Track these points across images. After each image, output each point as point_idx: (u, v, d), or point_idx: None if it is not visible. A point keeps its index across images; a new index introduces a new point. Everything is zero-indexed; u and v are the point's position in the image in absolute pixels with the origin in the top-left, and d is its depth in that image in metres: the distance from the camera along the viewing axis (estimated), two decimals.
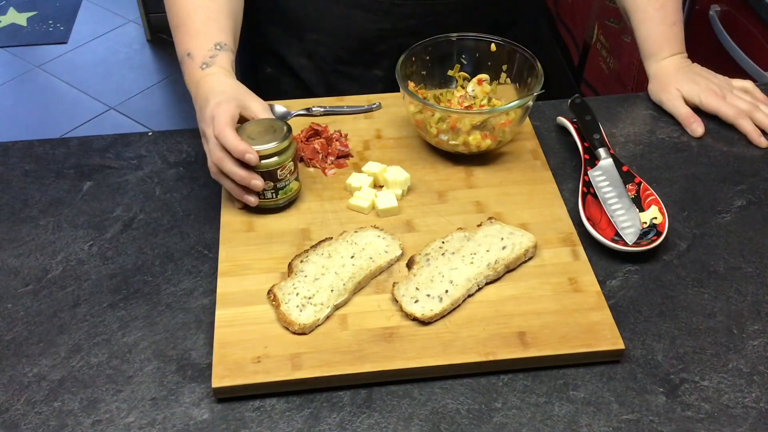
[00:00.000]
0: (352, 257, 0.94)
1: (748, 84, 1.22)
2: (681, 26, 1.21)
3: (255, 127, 1.00)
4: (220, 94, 1.00)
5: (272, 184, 1.00)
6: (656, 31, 1.20)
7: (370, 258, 0.94)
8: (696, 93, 1.18)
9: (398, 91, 1.10)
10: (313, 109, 1.18)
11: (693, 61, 1.24)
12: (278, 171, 0.99)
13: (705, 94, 1.17)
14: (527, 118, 1.14)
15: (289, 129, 1.00)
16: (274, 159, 0.98)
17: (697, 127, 1.16)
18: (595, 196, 1.04)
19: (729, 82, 1.21)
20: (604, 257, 0.98)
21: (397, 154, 1.12)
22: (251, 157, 0.95)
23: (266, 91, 1.33)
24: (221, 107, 0.97)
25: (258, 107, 1.01)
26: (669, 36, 1.20)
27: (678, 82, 1.19)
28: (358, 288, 0.92)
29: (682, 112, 1.18)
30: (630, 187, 1.05)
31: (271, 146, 0.98)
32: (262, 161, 0.98)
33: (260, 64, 1.34)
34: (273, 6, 1.27)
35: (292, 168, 1.01)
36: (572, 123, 1.15)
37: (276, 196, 1.01)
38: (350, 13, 1.22)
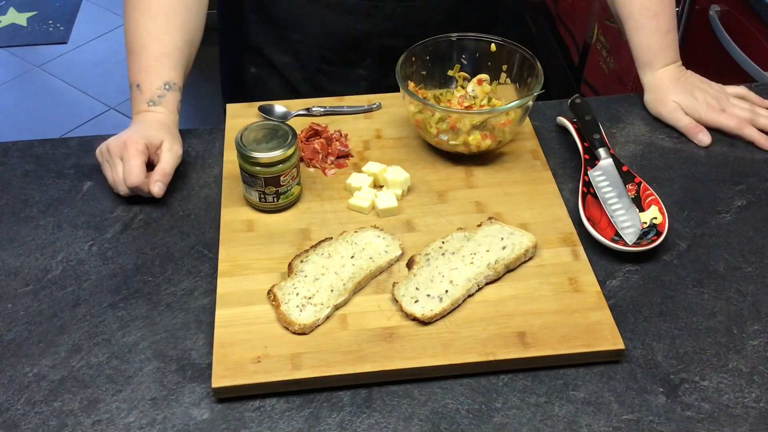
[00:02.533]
0: (352, 257, 0.94)
1: (742, 90, 1.22)
2: (675, 34, 1.21)
3: (259, 130, 1.00)
4: (143, 127, 1.08)
5: (274, 189, 1.00)
6: (650, 41, 1.20)
7: (370, 258, 0.94)
8: (695, 108, 1.17)
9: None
10: (313, 109, 1.18)
11: (693, 61, 1.24)
12: (281, 177, 0.99)
13: (704, 110, 1.17)
14: (527, 118, 1.14)
15: (294, 134, 1.00)
16: (279, 167, 0.98)
17: (703, 137, 1.16)
18: (595, 196, 1.04)
19: (724, 90, 1.21)
20: (604, 257, 0.98)
21: (397, 154, 1.12)
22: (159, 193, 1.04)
23: (251, 91, 1.33)
24: (130, 148, 1.04)
25: (165, 154, 1.06)
26: (663, 45, 1.20)
27: (675, 94, 1.18)
28: (358, 288, 0.92)
29: (685, 123, 1.17)
30: (630, 187, 1.05)
31: (276, 154, 0.97)
32: (266, 168, 0.98)
33: (245, 65, 1.35)
34: (257, 6, 1.28)
35: (295, 174, 1.01)
36: (572, 123, 1.15)
37: (277, 201, 1.01)
38: (332, 14, 1.22)
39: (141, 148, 1.03)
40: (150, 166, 1.05)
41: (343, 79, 1.29)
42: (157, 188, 1.04)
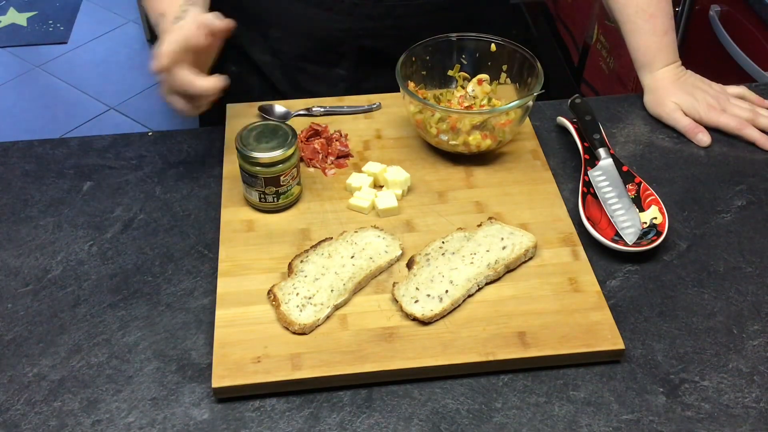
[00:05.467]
0: (352, 257, 0.94)
1: (742, 90, 1.22)
2: (673, 35, 1.21)
3: (259, 129, 1.00)
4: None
5: (274, 189, 1.00)
6: (647, 42, 1.19)
7: (370, 258, 0.94)
8: (695, 108, 1.17)
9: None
10: (313, 109, 1.18)
11: (693, 61, 1.24)
12: (281, 177, 0.99)
13: (705, 110, 1.17)
14: (527, 118, 1.14)
15: (294, 134, 1.00)
16: (279, 167, 0.98)
17: (702, 137, 1.16)
18: (595, 196, 1.04)
19: (725, 91, 1.21)
20: (604, 257, 0.98)
21: (397, 154, 1.12)
22: (215, 88, 0.96)
23: (231, 89, 1.33)
24: (173, 35, 0.95)
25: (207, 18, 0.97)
26: (661, 46, 1.19)
27: (674, 95, 1.18)
28: (358, 288, 0.92)
29: (685, 124, 1.17)
30: (630, 187, 1.05)
31: (276, 154, 0.97)
32: (266, 168, 0.98)
33: (224, 63, 1.34)
34: (237, 3, 1.27)
35: (295, 174, 1.01)
36: (572, 123, 1.15)
37: (277, 201, 1.01)
38: (312, 12, 1.22)
39: (175, 37, 0.96)
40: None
41: (322, 79, 1.29)
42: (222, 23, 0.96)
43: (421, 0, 1.22)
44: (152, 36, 3.27)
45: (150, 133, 1.19)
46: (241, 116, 1.17)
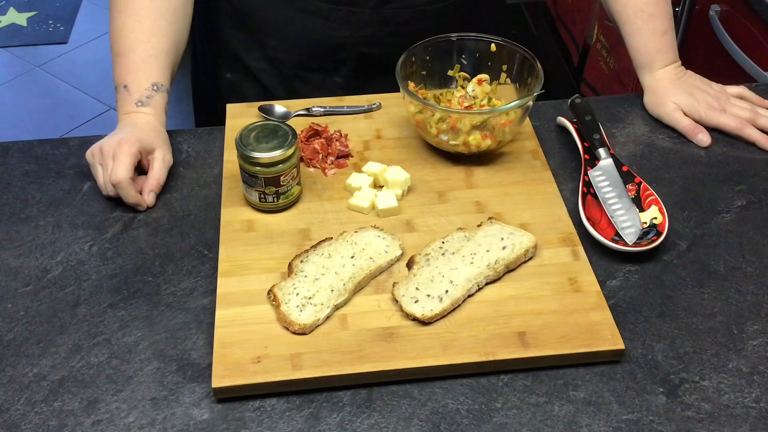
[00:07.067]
0: (352, 257, 0.94)
1: (742, 90, 1.22)
2: (672, 35, 1.20)
3: (259, 130, 1.00)
4: (137, 130, 1.06)
5: (274, 189, 1.00)
6: (647, 42, 1.19)
7: (370, 258, 0.94)
8: (695, 108, 1.17)
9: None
10: (313, 109, 1.18)
11: (693, 61, 1.24)
12: (281, 177, 0.99)
13: (705, 110, 1.16)
14: (527, 118, 1.14)
15: (294, 134, 1.00)
16: (279, 167, 0.98)
17: (703, 137, 1.15)
18: (595, 196, 1.04)
19: (725, 91, 1.21)
20: (604, 257, 0.98)
21: (397, 154, 1.12)
22: (142, 208, 1.05)
23: (227, 96, 1.33)
24: (123, 147, 1.03)
25: (158, 163, 1.06)
26: (660, 46, 1.19)
27: (674, 95, 1.18)
28: (358, 288, 0.92)
29: (685, 125, 1.17)
30: (630, 187, 1.05)
31: (276, 154, 0.97)
32: (266, 168, 0.98)
33: (220, 70, 1.34)
34: (233, 11, 1.27)
35: (295, 174, 1.01)
36: (572, 123, 1.15)
37: (277, 201, 1.01)
38: (309, 20, 1.22)
39: (134, 150, 1.03)
40: (137, 171, 1.06)
41: (319, 87, 1.28)
42: (151, 198, 1.05)
43: (420, 7, 1.22)
44: None
45: None
46: (241, 116, 1.17)
